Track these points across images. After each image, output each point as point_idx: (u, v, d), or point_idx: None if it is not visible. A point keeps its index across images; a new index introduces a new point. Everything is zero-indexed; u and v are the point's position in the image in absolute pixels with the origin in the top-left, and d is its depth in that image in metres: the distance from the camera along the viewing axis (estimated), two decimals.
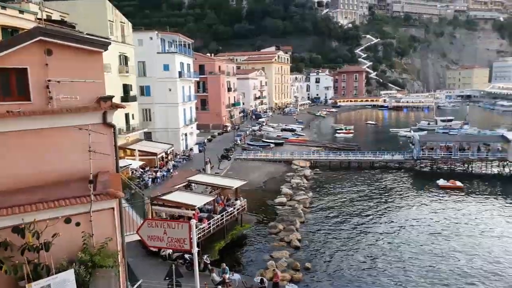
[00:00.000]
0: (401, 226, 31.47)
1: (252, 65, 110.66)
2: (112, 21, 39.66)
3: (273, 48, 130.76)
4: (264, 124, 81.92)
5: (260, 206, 35.66)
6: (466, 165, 49.47)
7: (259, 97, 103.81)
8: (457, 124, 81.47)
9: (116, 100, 29.53)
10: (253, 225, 30.59)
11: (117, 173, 11.25)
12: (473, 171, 48.55)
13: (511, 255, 25.86)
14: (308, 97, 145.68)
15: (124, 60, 42.42)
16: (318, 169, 49.63)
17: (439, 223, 31.87)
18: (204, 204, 26.76)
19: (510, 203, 36.67)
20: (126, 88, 43.16)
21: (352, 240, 28.99)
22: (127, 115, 42.34)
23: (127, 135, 41.50)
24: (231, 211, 27.53)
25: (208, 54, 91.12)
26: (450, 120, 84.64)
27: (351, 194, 40.17)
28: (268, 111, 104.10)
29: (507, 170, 47.18)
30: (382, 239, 29.01)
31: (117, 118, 35.55)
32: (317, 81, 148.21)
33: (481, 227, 31.11)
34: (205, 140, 58.91)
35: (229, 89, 78.75)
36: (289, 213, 33.41)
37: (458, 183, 41.39)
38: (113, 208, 9.53)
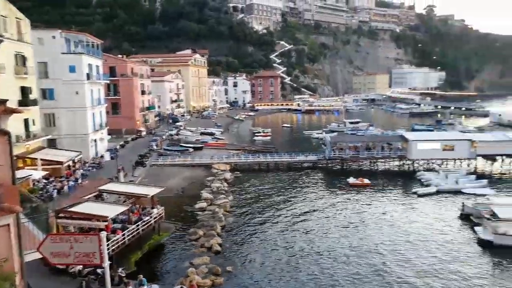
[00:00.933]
0: (317, 223, 33.02)
1: (167, 67, 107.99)
2: (5, 16, 35.47)
3: (189, 51, 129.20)
4: (182, 128, 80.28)
5: (179, 213, 34.64)
6: (372, 163, 53.68)
7: (176, 100, 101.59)
8: (364, 126, 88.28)
9: (13, 104, 26.46)
10: (172, 233, 29.53)
11: (14, 185, 10.02)
12: (378, 169, 52.81)
13: (411, 242, 28.54)
14: (227, 101, 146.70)
15: (21, 60, 38.16)
16: (238, 172, 49.92)
17: (351, 217, 34.09)
18: (118, 215, 25.10)
19: (410, 195, 40.57)
20: (25, 91, 38.86)
21: (273, 239, 29.59)
22: (26, 121, 38.15)
23: (26, 143, 37.42)
24: (147, 220, 26.24)
25: (120, 56, 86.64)
26: (357, 122, 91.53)
27: (270, 195, 41.09)
28: (186, 114, 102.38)
29: (406, 166, 52.11)
30: (300, 236, 30.15)
31: (14, 124, 32.05)
32: (235, 85, 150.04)
33: (386, 217, 34.01)
34: (117, 146, 55.76)
35: (143, 92, 75.72)
36: (209, 218, 32.92)
37: (366, 180, 44.70)
38: (8, 225, 8.39)
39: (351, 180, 44.82)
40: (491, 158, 51.18)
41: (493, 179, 46.00)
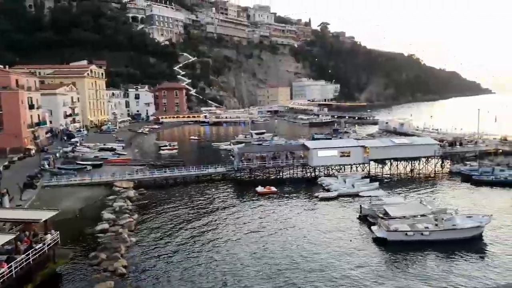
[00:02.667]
0: (226, 232, 33.02)
1: (60, 79, 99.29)
2: None
3: (84, 62, 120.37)
4: (78, 144, 73.97)
5: (77, 237, 31.57)
6: (278, 172, 55.42)
7: (70, 115, 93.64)
8: (269, 136, 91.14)
9: None
10: (69, 260, 26.67)
11: None
12: (283, 176, 54.73)
13: (315, 242, 30.03)
14: (128, 114, 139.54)
15: None
16: (143, 189, 47.38)
17: (259, 223, 34.86)
18: (2, 245, 21.85)
19: (313, 199, 42.69)
20: None
21: (184, 254, 28.73)
22: None
23: None
24: (39, 248, 23.29)
25: (1, 66, 76.99)
26: (263, 133, 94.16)
27: (179, 210, 39.72)
28: (82, 129, 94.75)
29: (308, 173, 54.88)
30: (210, 247, 29.84)
31: None
32: (137, 97, 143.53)
33: (292, 221, 35.56)
34: (0, 168, 49.11)
35: (31, 107, 68.12)
36: (112, 239, 30.46)
37: (273, 188, 46.01)
38: None
39: (259, 188, 45.71)
40: (381, 162, 56.51)
41: (384, 181, 50.90)
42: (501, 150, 59.80)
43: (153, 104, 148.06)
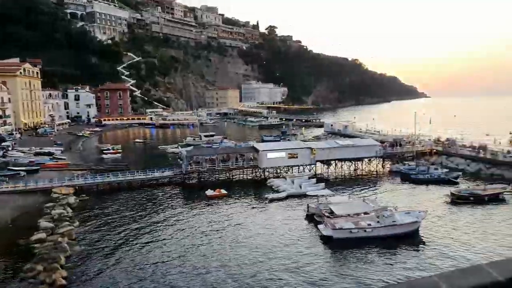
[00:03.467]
0: (175, 236, 32.15)
1: None
2: None
3: (16, 60, 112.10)
4: (10, 148, 68.64)
5: (10, 249, 29.16)
6: (228, 174, 55.19)
7: (1, 117, 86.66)
8: (218, 139, 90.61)
9: None
10: (0, 273, 24.53)
11: None
12: (233, 179, 54.60)
13: (265, 242, 30.11)
14: (68, 116, 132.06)
15: None
16: (84, 195, 44.96)
17: (209, 226, 34.33)
18: None
19: (263, 201, 42.96)
20: None
21: (129, 261, 27.50)
22: None
23: None
24: None
25: None
26: (212, 135, 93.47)
27: (123, 216, 38.13)
28: (15, 132, 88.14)
29: (258, 175, 55.22)
30: (157, 252, 28.81)
31: None
32: (77, 98, 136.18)
33: (243, 223, 35.52)
34: None
35: None
36: (50, 249, 28.48)
37: (223, 191, 45.66)
38: None
39: (209, 192, 45.16)
40: (327, 162, 58.25)
41: (330, 181, 52.51)
42: (435, 150, 64.04)
43: (95, 105, 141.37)
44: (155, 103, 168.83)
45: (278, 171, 55.73)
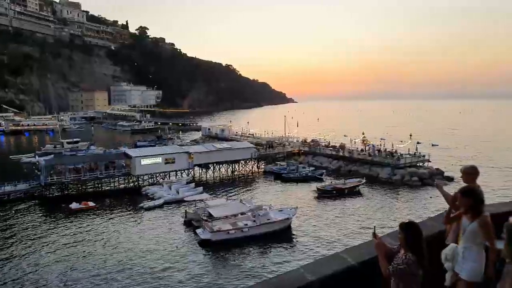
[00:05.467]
0: (35, 257, 27.95)
1: None
2: None
3: None
4: None
5: None
6: (97, 184, 50.64)
7: None
8: (84, 145, 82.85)
9: None
10: None
11: None
12: (103, 189, 50.34)
13: (141, 253, 28.33)
14: None
15: None
16: None
17: (76, 244, 30.76)
18: None
19: (138, 210, 40.54)
20: None
21: None
22: None
23: None
24: None
25: None
26: (77, 142, 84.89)
27: None
28: None
29: (132, 183, 52.04)
30: (17, 277, 24.49)
31: None
32: None
33: (115, 235, 32.89)
34: None
35: None
36: None
37: (91, 203, 41.62)
38: None
39: (74, 205, 40.59)
40: (205, 166, 58.17)
41: (208, 185, 52.52)
42: (303, 151, 69.63)
43: None
44: (5, 106, 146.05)
45: (154, 177, 53.44)
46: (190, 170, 55.69)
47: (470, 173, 5.61)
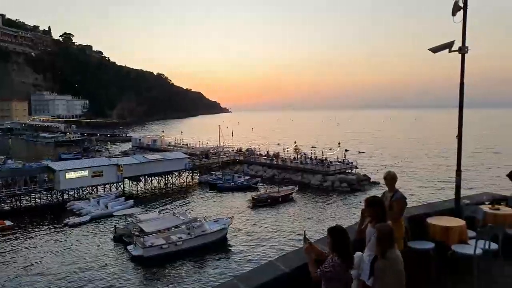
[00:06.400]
0: None
1: None
2: None
3: None
4: None
5: None
6: (15, 202, 46.18)
7: None
8: (0, 159, 75.52)
9: None
10: None
11: None
12: (23, 206, 46.08)
13: (69, 275, 26.24)
14: None
15: None
16: None
17: None
18: None
19: (62, 227, 37.66)
20: None
21: None
22: None
23: None
24: None
25: None
26: None
27: None
28: None
29: (55, 198, 48.31)
30: None
31: None
32: None
33: (35, 258, 29.99)
34: None
35: None
36: None
37: (8, 222, 37.86)
38: None
39: None
40: (136, 179, 55.88)
41: (139, 198, 50.46)
42: (238, 160, 69.94)
43: None
44: None
45: (81, 192, 50.13)
46: (120, 183, 53.17)
47: (391, 178, 5.98)
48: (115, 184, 52.76)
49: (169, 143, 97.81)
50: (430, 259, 6.36)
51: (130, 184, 55.90)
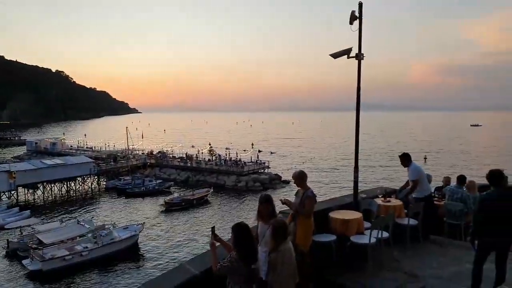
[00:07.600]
0: None
1: None
2: None
3: None
4: None
5: None
6: None
7: None
8: None
9: None
10: None
11: None
12: None
13: None
14: None
15: None
16: None
17: None
18: None
19: None
20: None
21: None
22: None
23: None
24: None
25: None
26: None
27: None
28: None
29: None
30: None
31: None
32: None
33: None
34: None
35: None
36: None
37: None
38: None
39: None
40: (32, 186, 50.71)
41: (37, 208, 45.85)
42: (149, 163, 67.42)
43: None
44: None
45: None
46: (12, 192, 47.77)
47: (299, 177, 6.32)
48: (6, 193, 47.24)
49: (71, 146, 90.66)
50: (332, 251, 6.87)
51: (26, 193, 50.56)
